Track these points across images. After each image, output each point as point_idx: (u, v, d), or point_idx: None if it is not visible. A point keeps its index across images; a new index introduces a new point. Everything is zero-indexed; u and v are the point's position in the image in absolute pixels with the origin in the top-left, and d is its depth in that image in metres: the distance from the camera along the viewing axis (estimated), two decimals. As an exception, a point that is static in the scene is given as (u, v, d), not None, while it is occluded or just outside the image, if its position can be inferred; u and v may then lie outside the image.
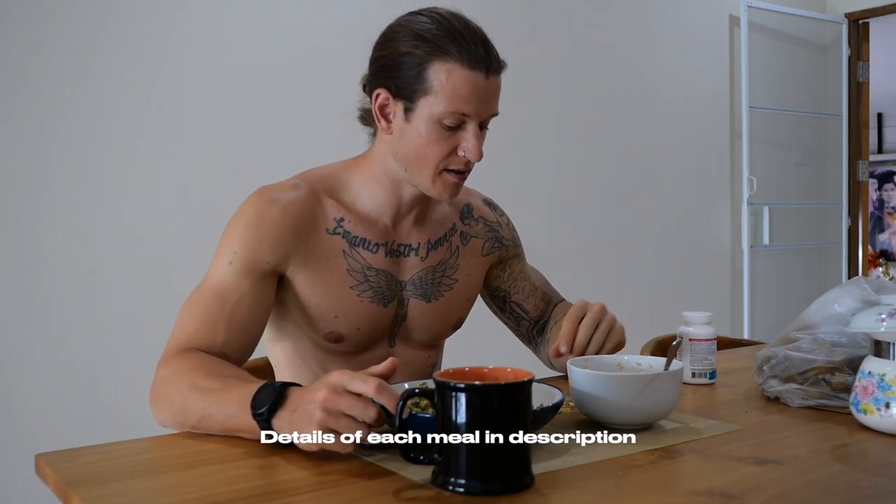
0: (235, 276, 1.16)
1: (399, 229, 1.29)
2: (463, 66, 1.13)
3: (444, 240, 1.34)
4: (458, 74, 1.13)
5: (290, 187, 1.22)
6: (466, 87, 1.13)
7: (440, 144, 1.17)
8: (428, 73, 1.13)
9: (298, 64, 2.80)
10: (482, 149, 1.18)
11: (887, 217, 8.00)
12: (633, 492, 0.85)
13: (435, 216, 1.34)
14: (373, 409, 0.88)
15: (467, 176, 1.23)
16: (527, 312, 1.47)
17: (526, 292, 1.47)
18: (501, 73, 1.18)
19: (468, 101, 1.14)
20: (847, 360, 1.17)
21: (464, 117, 1.15)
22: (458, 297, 1.36)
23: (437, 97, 1.14)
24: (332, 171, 1.28)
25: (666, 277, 3.83)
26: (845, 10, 4.48)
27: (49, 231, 2.41)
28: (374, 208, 1.26)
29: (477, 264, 1.39)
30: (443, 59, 1.13)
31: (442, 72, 1.13)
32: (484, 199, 1.46)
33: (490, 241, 1.41)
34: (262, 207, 1.19)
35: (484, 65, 1.14)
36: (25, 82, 2.37)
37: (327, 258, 1.22)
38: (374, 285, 1.25)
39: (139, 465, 0.97)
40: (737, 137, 4.08)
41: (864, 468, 0.95)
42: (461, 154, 1.18)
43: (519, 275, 1.47)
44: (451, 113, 1.14)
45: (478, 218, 1.41)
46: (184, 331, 1.14)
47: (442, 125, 1.15)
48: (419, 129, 1.17)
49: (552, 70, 3.47)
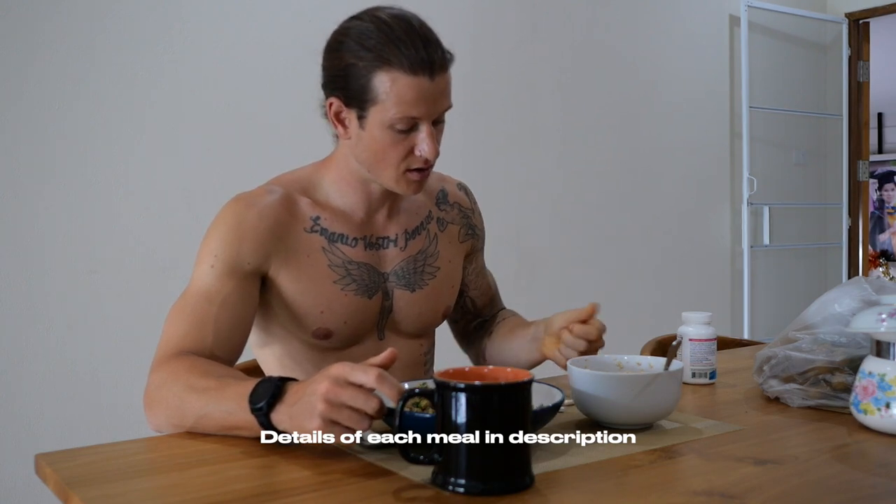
0: (218, 279, 1.18)
1: (374, 223, 1.31)
2: (406, 73, 1.12)
3: (422, 228, 1.36)
4: (402, 82, 1.13)
5: (265, 192, 1.25)
6: (411, 92, 1.13)
7: (396, 148, 1.18)
8: (374, 84, 1.14)
9: (298, 64, 2.80)
10: (438, 146, 1.20)
11: (887, 217, 8.00)
12: (633, 492, 0.85)
13: (408, 206, 1.36)
14: (375, 400, 0.88)
15: (430, 171, 1.24)
16: (477, 309, 1.51)
17: (481, 290, 1.51)
18: (449, 69, 1.18)
19: (416, 105, 1.14)
20: (847, 360, 1.17)
21: (414, 120, 1.16)
22: (442, 285, 1.37)
23: (385, 105, 1.14)
24: (304, 174, 1.31)
25: (666, 277, 3.83)
26: (845, 10, 4.48)
27: (49, 231, 2.41)
28: (346, 205, 1.29)
29: (455, 251, 1.41)
30: (385, 69, 1.13)
31: (386, 81, 1.13)
32: (458, 183, 1.47)
33: (464, 227, 1.43)
34: (240, 212, 1.21)
35: (427, 67, 1.14)
36: (25, 82, 2.37)
37: (307, 255, 1.24)
38: (357, 278, 1.27)
39: (139, 465, 0.97)
40: (737, 137, 4.08)
41: (864, 468, 0.95)
42: (418, 154, 1.19)
43: (480, 271, 1.50)
44: (401, 119, 1.15)
45: (453, 203, 1.43)
46: (173, 335, 1.15)
47: (395, 130, 1.16)
48: (374, 136, 1.18)
49: (552, 70, 3.47)
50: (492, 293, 1.54)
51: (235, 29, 2.70)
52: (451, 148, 1.70)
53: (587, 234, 3.57)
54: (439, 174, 1.44)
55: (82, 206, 2.45)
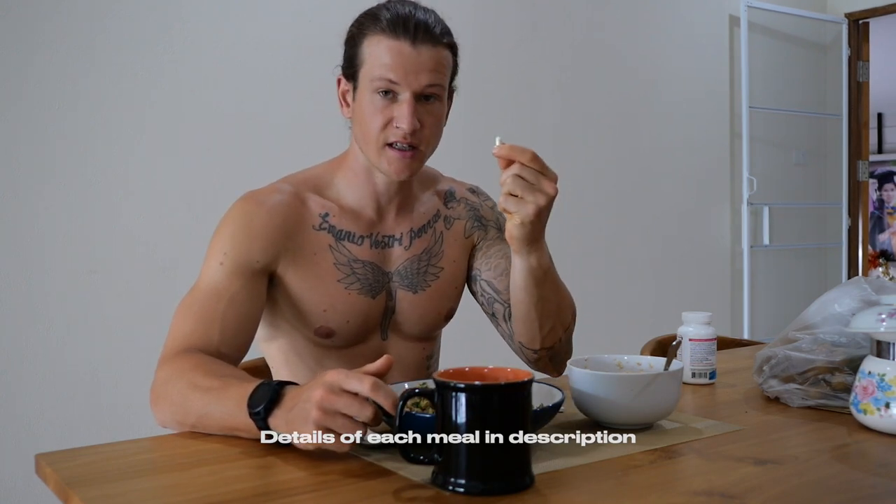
0: (227, 277, 1.18)
1: (384, 220, 1.31)
2: (387, 36, 1.17)
3: (428, 227, 1.36)
4: (384, 44, 1.18)
5: (275, 190, 1.26)
6: (389, 54, 1.17)
7: (376, 116, 1.20)
8: (361, 49, 1.20)
9: (298, 64, 2.80)
10: (417, 120, 1.19)
11: (887, 217, 8.00)
12: (633, 492, 0.84)
13: (419, 207, 1.36)
14: (369, 409, 0.88)
15: (417, 155, 1.21)
16: (498, 292, 1.35)
17: (499, 270, 1.35)
18: (440, 47, 1.20)
19: (393, 68, 1.17)
20: (847, 360, 1.17)
21: (392, 85, 1.18)
22: (445, 287, 1.36)
23: (368, 67, 1.19)
24: (316, 172, 1.32)
25: (666, 277, 3.83)
26: (845, 10, 4.48)
27: (49, 231, 2.41)
28: (356, 201, 1.29)
29: (460, 248, 1.39)
30: (372, 32, 1.19)
31: (372, 43, 1.19)
32: (469, 187, 1.47)
33: (471, 220, 1.42)
34: (250, 210, 1.22)
35: (410, 33, 1.17)
36: (25, 82, 2.37)
37: (314, 254, 1.25)
38: (361, 277, 1.27)
39: (139, 465, 0.97)
40: (737, 137, 4.08)
41: (864, 468, 0.95)
42: (396, 125, 1.19)
43: (495, 253, 1.37)
44: (378, 79, 1.18)
45: (460, 199, 1.42)
46: (180, 332, 1.16)
47: (377, 95, 1.19)
48: (361, 104, 1.21)
49: (552, 70, 3.47)
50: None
51: (235, 29, 2.70)
52: (451, 148, 1.70)
53: (587, 234, 3.57)
54: (452, 178, 1.44)
55: (82, 206, 2.45)
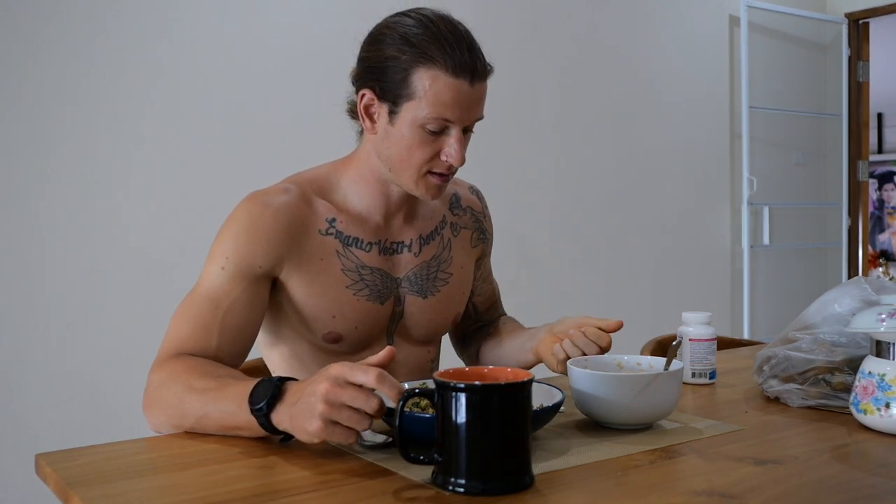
0: (228, 282, 1.16)
1: (391, 227, 1.29)
2: (447, 73, 1.12)
3: (436, 233, 1.35)
4: (442, 81, 1.12)
5: (281, 191, 1.22)
6: (450, 93, 1.13)
7: (423, 149, 1.17)
8: (412, 79, 1.13)
9: (298, 64, 2.80)
10: (465, 153, 1.18)
11: (887, 217, 8.00)
12: (633, 492, 0.84)
13: (425, 211, 1.34)
14: (374, 400, 0.88)
15: (451, 177, 1.23)
16: (478, 314, 1.51)
17: (485, 295, 1.51)
18: (488, 78, 1.18)
19: (451, 107, 1.13)
20: (847, 360, 1.17)
21: (447, 123, 1.15)
22: (454, 292, 1.36)
23: (420, 103, 1.13)
24: (322, 173, 1.29)
25: (666, 277, 3.83)
26: (845, 10, 4.48)
27: (49, 231, 2.41)
28: (364, 207, 1.27)
29: (468, 256, 1.40)
30: (427, 66, 1.12)
31: (426, 78, 1.12)
32: (470, 187, 1.46)
33: (476, 231, 1.42)
34: (254, 212, 1.19)
35: (469, 72, 1.13)
36: (25, 82, 2.37)
37: (321, 259, 1.22)
38: (370, 283, 1.26)
39: (139, 465, 0.97)
40: (737, 137, 4.08)
41: (864, 468, 0.95)
42: (444, 159, 1.18)
43: (487, 276, 1.50)
44: (434, 119, 1.14)
45: (465, 208, 1.42)
46: (176, 336, 1.14)
47: (425, 130, 1.15)
48: (402, 133, 1.16)
49: (552, 70, 3.47)
50: (494, 299, 1.53)
51: (235, 29, 2.70)
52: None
53: (587, 234, 3.57)
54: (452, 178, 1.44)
55: (82, 206, 2.45)
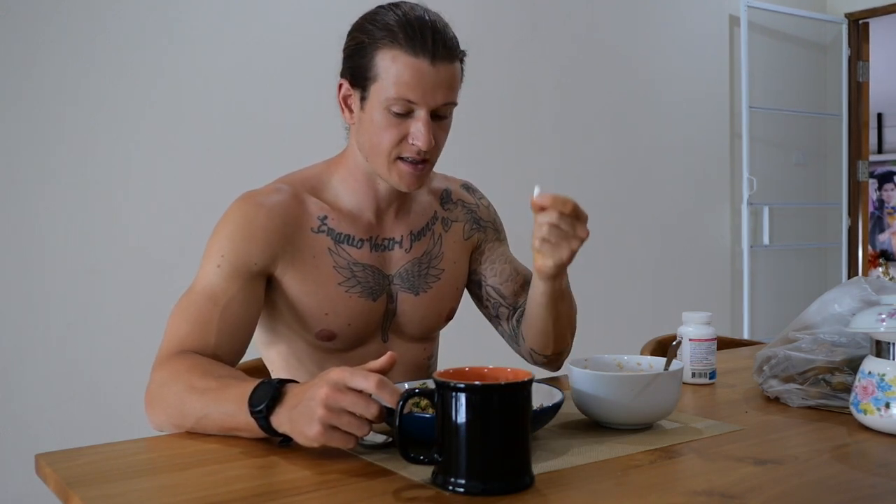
0: (224, 280, 1.17)
1: (382, 223, 1.30)
2: (406, 53, 1.14)
3: (427, 229, 1.35)
4: (401, 61, 1.14)
5: (273, 191, 1.24)
6: (409, 72, 1.14)
7: (390, 131, 1.18)
8: (376, 61, 1.16)
9: (299, 64, 2.81)
10: (435, 141, 1.18)
11: (887, 217, 8.00)
12: (633, 492, 0.84)
13: (416, 207, 1.35)
14: (374, 406, 0.88)
15: (427, 168, 1.22)
16: (504, 297, 1.40)
17: (504, 276, 1.41)
18: (456, 63, 1.19)
19: (413, 87, 1.14)
20: (847, 360, 1.17)
21: (410, 104, 1.16)
22: (446, 288, 1.36)
23: (383, 83, 1.15)
24: (314, 172, 1.30)
25: (666, 277, 3.83)
26: (845, 10, 4.48)
27: (49, 231, 2.41)
28: (354, 204, 1.28)
29: (460, 250, 1.39)
30: (388, 46, 1.15)
31: (387, 58, 1.15)
32: (463, 183, 1.46)
33: (469, 223, 1.41)
34: (249, 211, 1.21)
35: (429, 52, 1.14)
36: (25, 82, 2.37)
37: (313, 256, 1.24)
38: (362, 280, 1.27)
39: (139, 465, 0.97)
40: (737, 137, 4.08)
41: (864, 468, 0.95)
42: (411, 142, 1.18)
43: (499, 258, 1.42)
44: (396, 99, 1.15)
45: (456, 201, 1.41)
46: (175, 334, 1.15)
47: (391, 112, 1.16)
48: (372, 117, 1.18)
49: (552, 70, 3.47)
50: (522, 279, 1.42)
51: (235, 29, 2.70)
52: (450, 147, 1.69)
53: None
54: (444, 175, 1.43)
55: (82, 206, 2.45)
